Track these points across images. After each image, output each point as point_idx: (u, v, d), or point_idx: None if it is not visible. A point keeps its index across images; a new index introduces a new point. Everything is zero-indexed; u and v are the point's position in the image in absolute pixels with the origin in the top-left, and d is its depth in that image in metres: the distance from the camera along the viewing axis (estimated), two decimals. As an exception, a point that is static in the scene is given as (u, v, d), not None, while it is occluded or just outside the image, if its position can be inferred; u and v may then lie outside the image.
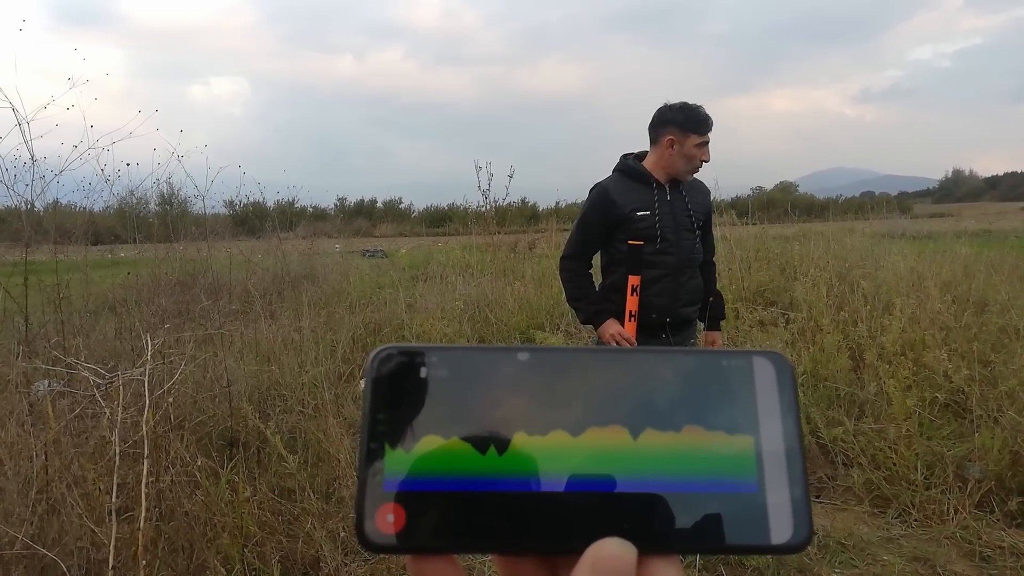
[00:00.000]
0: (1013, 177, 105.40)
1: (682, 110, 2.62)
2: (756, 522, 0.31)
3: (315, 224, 16.68)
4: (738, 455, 0.32)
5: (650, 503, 0.31)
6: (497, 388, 0.32)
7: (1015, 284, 5.98)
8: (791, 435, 0.32)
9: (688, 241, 2.68)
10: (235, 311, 5.92)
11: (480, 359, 0.33)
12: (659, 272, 2.63)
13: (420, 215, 41.44)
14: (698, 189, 2.79)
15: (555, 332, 6.39)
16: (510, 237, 11.91)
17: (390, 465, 0.31)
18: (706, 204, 2.80)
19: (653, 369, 0.33)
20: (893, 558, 2.76)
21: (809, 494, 0.32)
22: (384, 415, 0.32)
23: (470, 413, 0.32)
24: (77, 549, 2.36)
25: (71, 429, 2.80)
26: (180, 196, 11.03)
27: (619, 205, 2.63)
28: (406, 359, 0.33)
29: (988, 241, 11.93)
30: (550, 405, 0.32)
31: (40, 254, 4.48)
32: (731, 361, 0.33)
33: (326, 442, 3.33)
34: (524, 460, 0.31)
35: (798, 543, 0.31)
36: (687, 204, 2.68)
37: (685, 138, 2.60)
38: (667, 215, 2.64)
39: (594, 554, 0.29)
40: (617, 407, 0.32)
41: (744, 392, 0.33)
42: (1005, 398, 3.55)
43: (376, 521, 0.30)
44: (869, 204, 19.22)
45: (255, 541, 2.70)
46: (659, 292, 2.64)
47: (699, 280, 2.77)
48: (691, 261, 2.70)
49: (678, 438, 0.31)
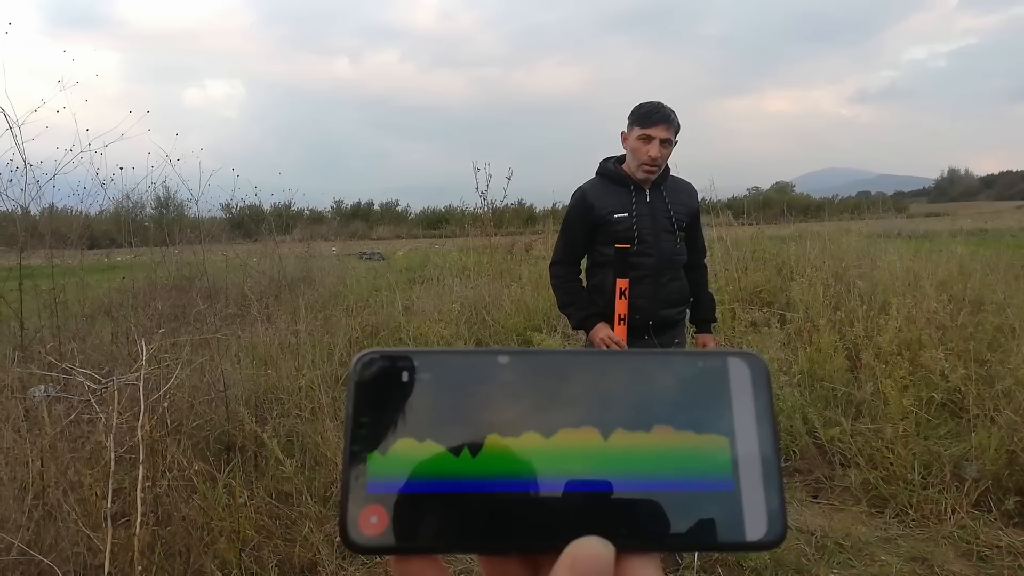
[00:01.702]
0: (1008, 176, 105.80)
1: (636, 106, 2.60)
2: (731, 519, 0.32)
3: (311, 227, 16.65)
4: (711, 454, 0.32)
5: (625, 502, 0.31)
6: (475, 390, 0.33)
7: (1011, 283, 5.99)
8: (766, 434, 0.33)
9: (668, 242, 2.64)
10: (231, 315, 5.92)
11: (460, 362, 0.33)
12: (639, 274, 2.61)
13: (417, 217, 41.45)
14: (681, 190, 2.75)
15: (552, 334, 6.39)
16: (507, 239, 11.91)
17: (373, 468, 0.32)
18: (690, 205, 2.74)
19: (628, 370, 0.34)
20: (891, 558, 2.77)
21: (784, 492, 0.32)
22: (367, 418, 0.32)
23: (447, 416, 0.32)
24: (73, 555, 2.35)
25: (67, 434, 2.79)
26: (176, 199, 11.01)
27: (596, 208, 2.63)
28: (388, 363, 0.33)
29: (984, 240, 11.96)
30: (524, 407, 0.33)
31: (35, 258, 4.47)
32: (706, 362, 0.34)
33: (323, 446, 3.33)
34: (497, 461, 0.32)
35: (772, 540, 0.32)
36: (667, 205, 2.65)
37: (630, 132, 2.59)
38: (645, 216, 2.61)
39: (573, 552, 0.30)
40: (589, 408, 0.33)
41: (719, 392, 0.33)
42: (1001, 397, 3.56)
43: (360, 523, 0.31)
44: (865, 204, 19.28)
45: (252, 545, 2.69)
46: (639, 294, 2.61)
47: (682, 282, 2.74)
48: (672, 262, 2.67)
49: (647, 438, 0.32)
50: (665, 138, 2.53)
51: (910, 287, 5.78)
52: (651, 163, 2.55)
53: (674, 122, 2.56)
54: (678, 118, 2.58)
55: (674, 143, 2.60)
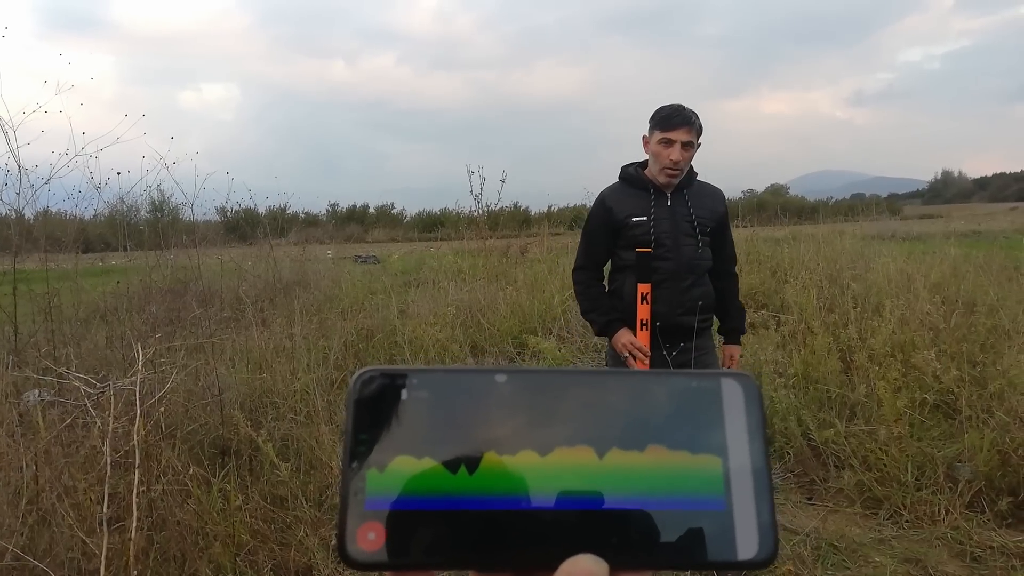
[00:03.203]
0: (1002, 178, 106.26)
1: (656, 109, 2.56)
2: (723, 538, 0.32)
3: (307, 230, 16.64)
4: (704, 473, 0.33)
5: (619, 520, 0.32)
6: (473, 409, 0.33)
7: (1003, 285, 6.02)
8: (758, 454, 0.33)
9: (688, 247, 2.57)
10: (227, 318, 5.90)
11: (458, 381, 0.34)
12: (657, 278, 2.56)
13: (412, 220, 41.38)
14: (707, 194, 2.68)
15: (547, 337, 6.40)
16: (502, 242, 11.91)
17: (371, 484, 0.32)
18: (715, 210, 2.66)
19: (624, 390, 0.34)
20: (885, 559, 2.78)
21: (775, 511, 0.33)
22: (366, 435, 0.33)
23: (445, 433, 0.33)
24: (68, 560, 2.34)
25: (62, 439, 2.78)
26: (171, 203, 10.99)
27: (615, 212, 2.60)
28: (387, 381, 0.34)
29: (977, 242, 12.00)
30: (521, 425, 0.33)
31: (30, 262, 4.46)
32: (700, 383, 0.35)
33: (318, 449, 3.32)
34: (494, 479, 0.32)
35: (763, 558, 0.32)
36: (690, 209, 2.59)
37: (651, 136, 2.55)
38: (664, 220, 2.56)
39: (567, 570, 0.31)
40: (585, 427, 0.33)
41: (712, 413, 0.34)
42: (994, 398, 3.58)
43: (358, 539, 0.32)
44: (859, 206, 19.32)
45: (247, 550, 2.69)
46: (656, 299, 2.56)
47: (706, 288, 2.65)
48: (692, 267, 2.58)
49: (641, 457, 0.33)
50: (687, 141, 2.48)
51: (903, 289, 5.81)
52: (673, 167, 2.50)
53: (696, 124, 2.50)
54: (700, 120, 2.53)
55: (697, 146, 2.54)
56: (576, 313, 6.85)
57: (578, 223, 13.34)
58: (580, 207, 18.28)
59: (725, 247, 2.74)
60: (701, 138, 2.55)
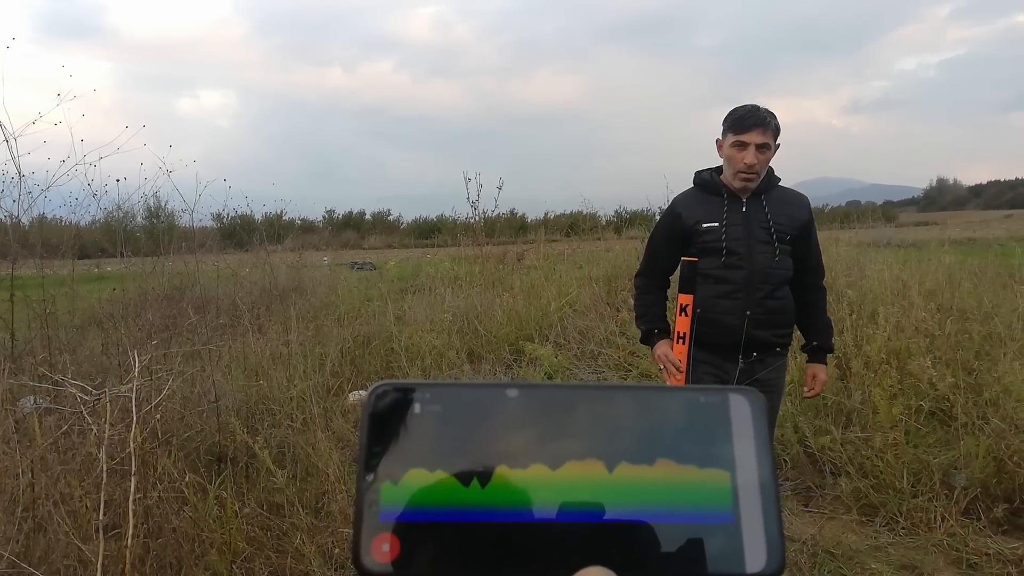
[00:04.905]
0: (996, 186, 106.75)
1: (730, 111, 2.42)
2: (731, 552, 0.33)
3: (303, 237, 16.61)
4: (712, 487, 0.33)
5: (629, 533, 0.33)
6: (485, 423, 0.34)
7: (998, 292, 6.04)
8: (765, 468, 0.34)
9: (764, 255, 2.39)
10: (223, 325, 5.89)
11: (471, 395, 0.35)
12: (728, 288, 2.40)
13: (409, 227, 41.35)
14: (788, 200, 2.49)
15: (544, 343, 6.40)
16: (499, 248, 11.91)
17: (385, 497, 0.33)
18: (796, 217, 2.47)
19: (634, 405, 0.35)
20: (881, 566, 2.78)
21: (782, 525, 0.34)
22: (379, 448, 0.33)
23: (458, 447, 0.33)
24: (64, 567, 2.33)
25: (58, 446, 2.78)
26: (167, 209, 10.97)
27: (683, 218, 2.48)
28: (401, 395, 0.35)
29: (972, 249, 12.04)
30: (532, 439, 0.34)
31: (26, 269, 4.45)
32: (708, 398, 0.35)
33: (315, 456, 3.32)
34: (505, 492, 0.33)
35: (771, 571, 0.33)
36: (767, 215, 2.42)
37: (724, 139, 2.40)
38: (737, 226, 2.40)
39: None
40: (595, 441, 0.34)
41: (720, 427, 0.35)
42: (989, 405, 3.59)
43: (372, 550, 0.32)
44: (855, 213, 19.40)
45: (244, 557, 2.68)
46: (728, 310, 2.39)
47: (785, 302, 2.46)
48: (767, 276, 2.40)
49: (650, 471, 0.33)
50: (762, 143, 2.31)
51: (899, 296, 5.82)
52: (747, 171, 2.34)
53: (771, 125, 2.33)
54: (777, 120, 2.36)
55: (774, 147, 2.38)
56: (573, 320, 6.85)
57: (574, 230, 13.32)
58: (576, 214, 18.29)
59: (810, 257, 2.56)
60: (779, 139, 2.40)
